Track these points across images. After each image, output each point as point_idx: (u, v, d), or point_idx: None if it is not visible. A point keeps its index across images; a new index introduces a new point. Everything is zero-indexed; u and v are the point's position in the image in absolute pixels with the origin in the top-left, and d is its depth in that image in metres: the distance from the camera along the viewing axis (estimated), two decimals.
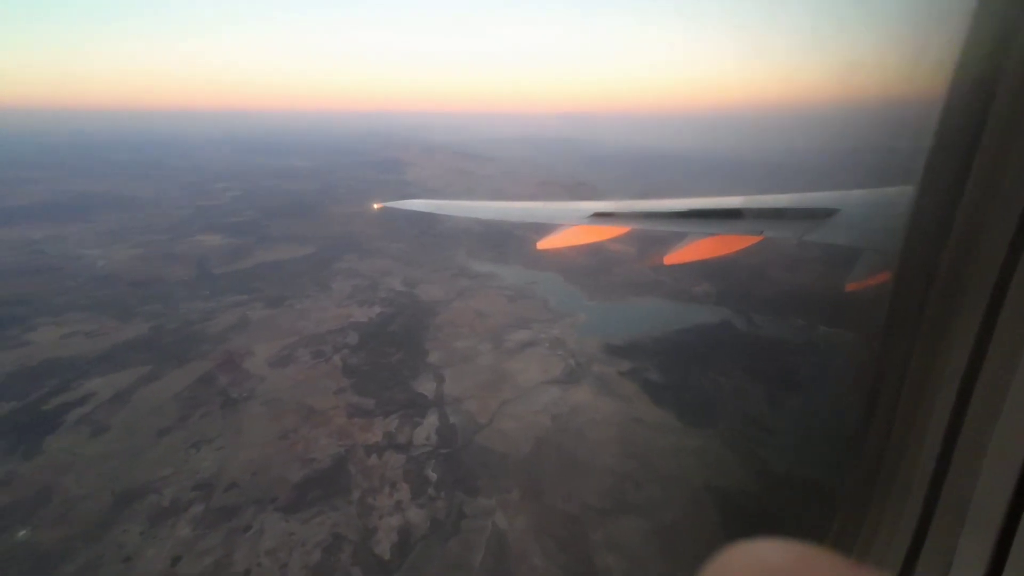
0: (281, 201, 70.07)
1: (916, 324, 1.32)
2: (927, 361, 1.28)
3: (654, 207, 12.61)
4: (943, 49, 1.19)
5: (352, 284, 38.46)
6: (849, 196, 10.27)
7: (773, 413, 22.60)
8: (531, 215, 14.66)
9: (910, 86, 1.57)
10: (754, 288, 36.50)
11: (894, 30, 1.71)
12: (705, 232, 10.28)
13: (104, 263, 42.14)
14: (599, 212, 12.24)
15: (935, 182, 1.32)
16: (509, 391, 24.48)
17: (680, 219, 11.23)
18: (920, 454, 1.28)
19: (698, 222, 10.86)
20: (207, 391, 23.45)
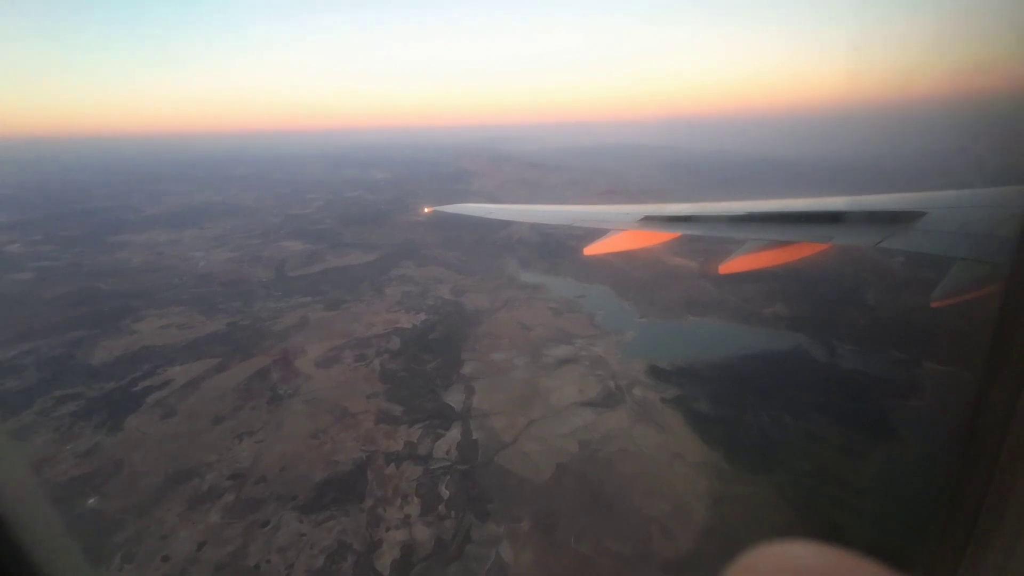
0: (358, 210, 75.70)
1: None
2: None
3: (708, 210, 11.43)
4: None
5: (403, 290, 39.89)
6: (937, 198, 8.79)
7: (851, 465, 18.77)
8: (580, 218, 14.00)
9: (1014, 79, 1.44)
10: (841, 311, 31.32)
11: (995, 21, 1.36)
12: (764, 238, 9.17)
13: (204, 264, 48.49)
14: (650, 216, 11.43)
15: None
16: (539, 410, 23.32)
17: (737, 223, 10.20)
18: None
19: (757, 227, 9.73)
20: (260, 385, 25.47)
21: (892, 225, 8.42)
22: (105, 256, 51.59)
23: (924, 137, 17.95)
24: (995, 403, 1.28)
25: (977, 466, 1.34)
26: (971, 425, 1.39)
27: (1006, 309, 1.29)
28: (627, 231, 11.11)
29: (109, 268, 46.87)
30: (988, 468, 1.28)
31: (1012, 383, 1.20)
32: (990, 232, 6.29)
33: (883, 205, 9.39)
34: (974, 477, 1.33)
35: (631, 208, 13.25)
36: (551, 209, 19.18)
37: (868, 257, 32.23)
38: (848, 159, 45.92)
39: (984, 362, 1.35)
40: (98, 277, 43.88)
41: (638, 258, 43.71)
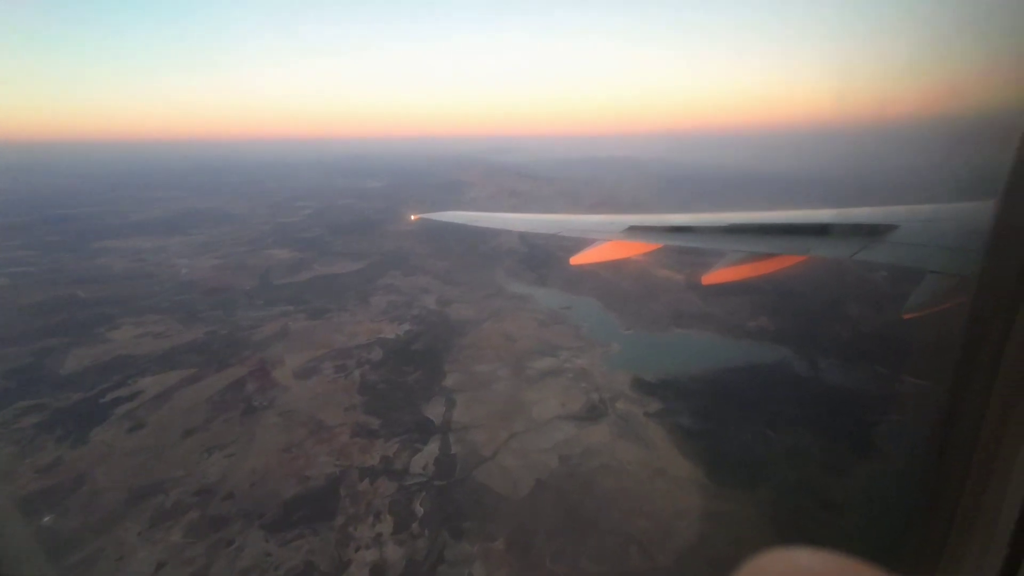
0: (348, 219, 75.30)
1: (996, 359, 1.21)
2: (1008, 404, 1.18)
3: (692, 221, 11.61)
4: None
5: (389, 300, 39.43)
6: (910, 211, 9.15)
7: (833, 481, 18.54)
8: (566, 227, 13.98)
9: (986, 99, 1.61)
10: (825, 324, 31.39)
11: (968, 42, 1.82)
12: (745, 249, 9.37)
13: (188, 271, 47.69)
14: (635, 226, 11.45)
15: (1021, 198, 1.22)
16: (520, 423, 22.88)
17: (719, 235, 10.46)
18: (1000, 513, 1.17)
19: (737, 238, 9.98)
20: (235, 397, 24.78)
21: (866, 238, 8.56)
22: (86, 262, 50.60)
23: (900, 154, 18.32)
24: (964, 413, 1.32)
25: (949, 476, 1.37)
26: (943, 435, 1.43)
27: (973, 321, 1.34)
28: (612, 241, 11.04)
29: (89, 274, 45.91)
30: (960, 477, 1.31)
31: (979, 393, 1.25)
32: (959, 245, 6.42)
33: (858, 218, 9.64)
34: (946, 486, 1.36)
35: (616, 218, 13.63)
36: (538, 218, 19.14)
37: (851, 271, 32.45)
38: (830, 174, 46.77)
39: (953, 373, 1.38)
40: (76, 284, 42.93)
41: (625, 270, 43.74)
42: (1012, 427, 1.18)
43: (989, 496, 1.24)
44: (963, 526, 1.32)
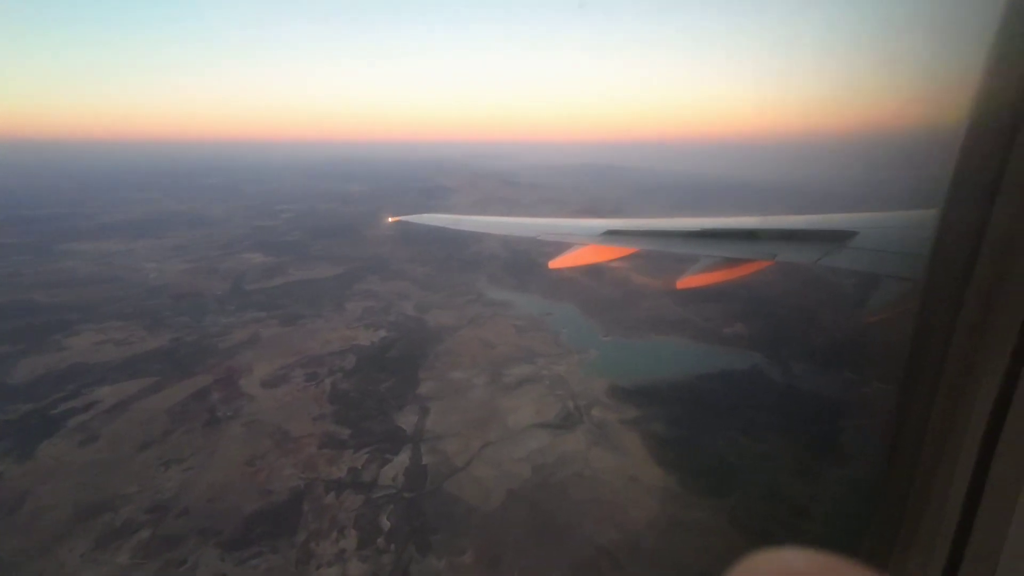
0: (329, 223, 74.09)
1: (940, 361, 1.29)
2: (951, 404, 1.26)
3: (666, 226, 12.12)
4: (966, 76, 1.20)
5: (366, 305, 38.68)
6: (867, 219, 9.57)
7: (803, 487, 18.64)
8: (545, 231, 13.72)
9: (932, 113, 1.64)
10: (798, 331, 31.94)
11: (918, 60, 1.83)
12: (716, 254, 9.81)
13: (156, 275, 46.06)
14: (612, 230, 11.88)
15: (960, 207, 1.30)
16: (495, 432, 22.49)
17: (692, 239, 10.79)
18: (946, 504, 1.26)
19: (710, 243, 10.36)
20: (197, 407, 23.77)
21: (829, 243, 8.94)
22: (47, 265, 48.42)
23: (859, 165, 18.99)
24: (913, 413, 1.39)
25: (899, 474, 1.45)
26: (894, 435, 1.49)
27: (919, 324, 1.42)
28: (590, 245, 11.34)
29: (49, 278, 43.90)
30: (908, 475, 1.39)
31: (926, 394, 1.32)
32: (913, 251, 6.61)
33: (820, 224, 10.02)
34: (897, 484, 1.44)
35: (595, 222, 13.60)
36: (517, 221, 19.02)
37: (822, 276, 33.11)
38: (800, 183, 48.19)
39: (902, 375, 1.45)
40: (35, 288, 40.98)
41: (605, 276, 43.94)
42: (956, 426, 1.23)
43: (935, 492, 1.30)
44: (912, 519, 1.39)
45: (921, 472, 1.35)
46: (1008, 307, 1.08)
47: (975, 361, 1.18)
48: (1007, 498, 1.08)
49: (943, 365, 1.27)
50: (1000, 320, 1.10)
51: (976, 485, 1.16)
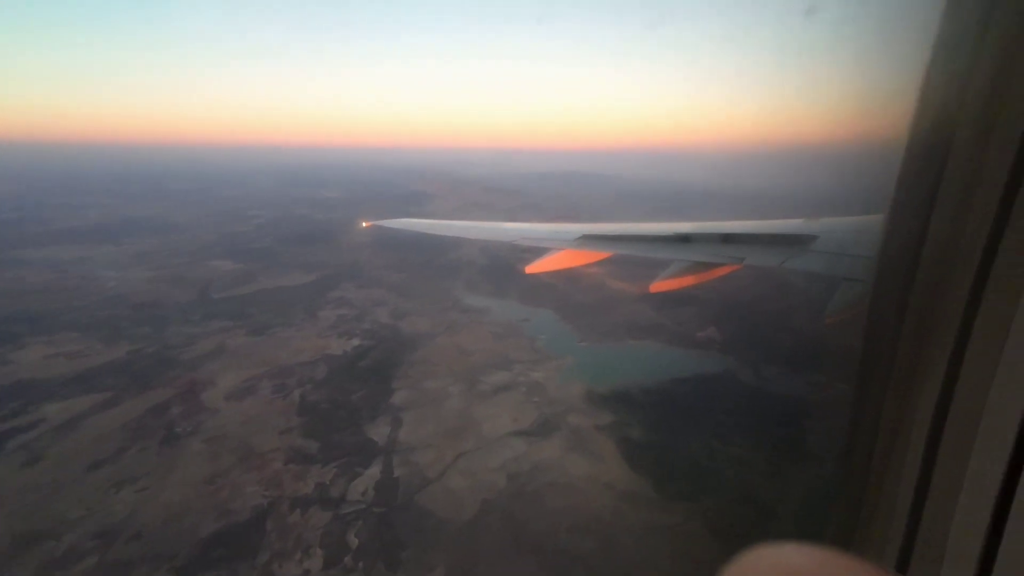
0: (304, 229, 72.39)
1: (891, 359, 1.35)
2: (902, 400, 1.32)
3: (640, 230, 12.34)
4: (907, 93, 1.28)
5: (339, 313, 37.75)
6: (827, 223, 9.90)
7: (773, 489, 18.93)
8: (521, 235, 13.74)
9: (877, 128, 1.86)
10: (769, 334, 32.75)
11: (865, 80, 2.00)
12: (687, 258, 10.05)
13: (115, 284, 43.85)
14: (587, 235, 12.04)
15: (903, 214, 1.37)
16: (470, 441, 22.09)
17: (664, 243, 11.02)
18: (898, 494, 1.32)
19: (681, 247, 10.58)
20: (155, 423, 22.54)
21: (792, 247, 9.33)
22: None
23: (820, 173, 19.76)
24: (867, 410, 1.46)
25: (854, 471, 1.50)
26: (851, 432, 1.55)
27: (870, 325, 1.51)
28: (566, 250, 11.45)
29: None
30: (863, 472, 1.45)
31: (878, 391, 1.40)
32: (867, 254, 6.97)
33: (783, 229, 10.43)
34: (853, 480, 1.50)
35: (571, 227, 13.77)
36: (494, 226, 18.89)
37: (791, 281, 34.10)
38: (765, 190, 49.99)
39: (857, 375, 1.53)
40: None
41: (582, 281, 44.23)
42: (906, 421, 1.29)
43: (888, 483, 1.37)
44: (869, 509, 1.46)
45: (875, 466, 1.41)
46: (948, 308, 1.13)
47: (920, 359, 1.23)
48: (952, 486, 1.12)
49: (892, 364, 1.33)
50: (941, 320, 1.16)
51: (924, 475, 1.21)
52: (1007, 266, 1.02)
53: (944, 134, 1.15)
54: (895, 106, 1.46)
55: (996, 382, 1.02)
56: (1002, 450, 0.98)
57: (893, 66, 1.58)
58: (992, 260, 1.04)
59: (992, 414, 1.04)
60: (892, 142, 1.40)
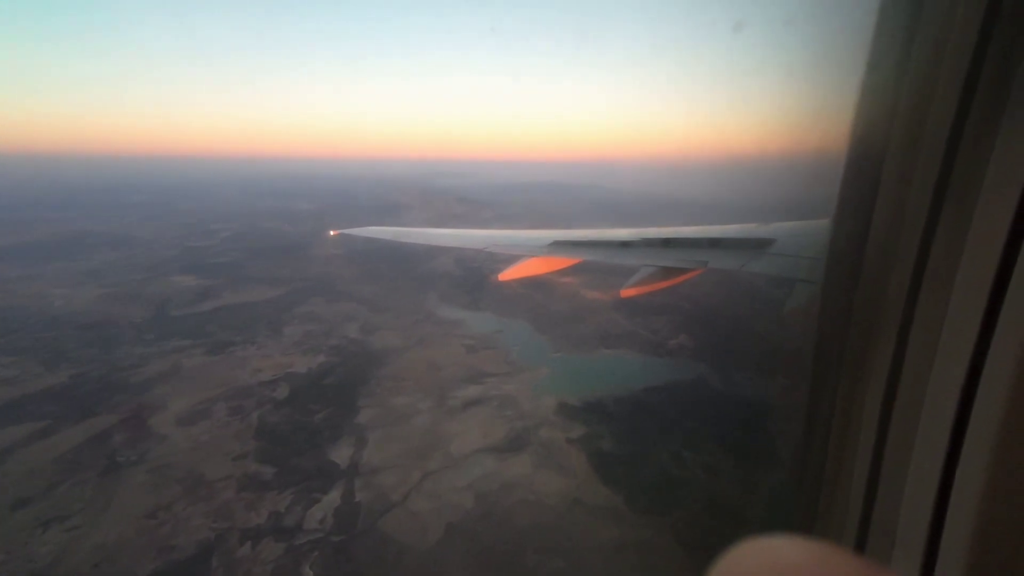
0: (272, 242, 70.23)
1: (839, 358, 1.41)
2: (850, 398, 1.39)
3: (609, 236, 12.40)
4: (845, 108, 1.38)
5: (306, 330, 36.38)
6: (784, 227, 10.16)
7: (743, 498, 18.83)
8: (493, 242, 13.62)
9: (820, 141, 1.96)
10: (738, 340, 33.23)
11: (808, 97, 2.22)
12: (653, 263, 10.21)
13: (63, 303, 41.21)
14: (558, 241, 12.11)
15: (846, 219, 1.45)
16: (437, 460, 21.29)
17: (632, 248, 11.23)
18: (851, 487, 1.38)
19: (648, 251, 10.81)
20: (95, 453, 20.86)
21: (752, 251, 9.56)
22: None
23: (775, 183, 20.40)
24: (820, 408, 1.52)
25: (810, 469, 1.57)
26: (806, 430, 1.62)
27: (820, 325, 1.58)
28: (538, 257, 11.50)
29: None
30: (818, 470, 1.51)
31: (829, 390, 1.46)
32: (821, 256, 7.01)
33: (743, 233, 10.72)
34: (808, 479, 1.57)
35: (541, 233, 13.77)
36: (464, 233, 18.66)
37: (759, 289, 34.84)
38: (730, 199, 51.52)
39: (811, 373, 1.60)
40: None
41: (556, 291, 44.17)
42: (855, 414, 1.36)
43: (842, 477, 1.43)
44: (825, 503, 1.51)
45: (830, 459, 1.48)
46: (889, 304, 1.21)
47: (867, 354, 1.30)
48: (899, 473, 1.19)
49: (842, 360, 1.40)
50: (884, 316, 1.24)
51: (875, 465, 1.28)
52: (939, 261, 1.09)
53: (879, 144, 1.25)
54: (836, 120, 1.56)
55: (935, 372, 1.09)
56: (942, 435, 1.03)
57: (831, 84, 1.72)
58: (926, 257, 1.11)
59: (932, 401, 1.09)
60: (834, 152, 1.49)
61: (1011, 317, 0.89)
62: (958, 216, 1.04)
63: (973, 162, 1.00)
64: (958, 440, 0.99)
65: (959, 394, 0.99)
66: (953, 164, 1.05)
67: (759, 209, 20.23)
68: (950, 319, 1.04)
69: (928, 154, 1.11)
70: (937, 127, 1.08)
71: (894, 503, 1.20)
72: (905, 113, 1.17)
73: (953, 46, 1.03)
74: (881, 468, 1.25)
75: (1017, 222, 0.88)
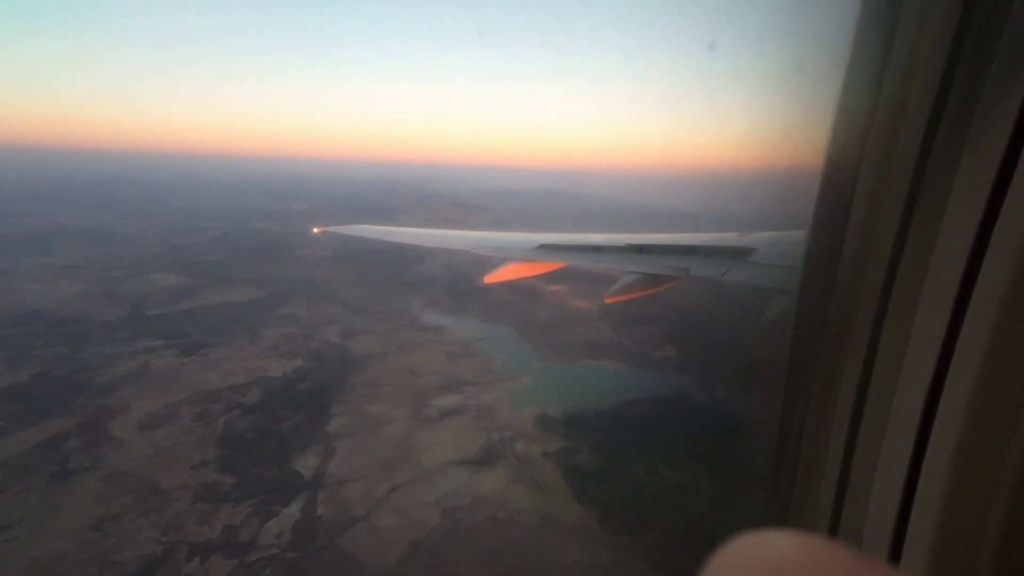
0: (260, 242, 69.29)
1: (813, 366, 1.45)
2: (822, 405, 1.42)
3: (595, 240, 12.59)
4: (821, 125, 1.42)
5: (284, 332, 35.50)
6: (763, 237, 10.31)
7: (719, 518, 18.19)
8: (479, 244, 13.62)
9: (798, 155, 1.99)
10: (724, 353, 32.74)
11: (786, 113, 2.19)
12: (637, 268, 10.39)
13: (36, 299, 40.02)
14: (544, 244, 12.22)
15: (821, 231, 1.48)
16: (407, 472, 20.50)
17: (617, 253, 11.39)
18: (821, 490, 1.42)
19: (633, 257, 10.97)
20: (46, 458, 19.86)
21: (732, 259, 9.64)
22: None
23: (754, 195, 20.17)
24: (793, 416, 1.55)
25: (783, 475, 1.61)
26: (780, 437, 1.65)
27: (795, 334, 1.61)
28: (524, 261, 11.55)
29: None
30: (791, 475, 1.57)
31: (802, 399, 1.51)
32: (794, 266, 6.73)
33: (724, 241, 10.83)
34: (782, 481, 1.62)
35: (527, 236, 13.79)
36: (450, 234, 18.26)
37: (741, 297, 34.44)
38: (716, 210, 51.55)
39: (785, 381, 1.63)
40: None
41: (544, 299, 43.62)
42: (825, 425, 1.39)
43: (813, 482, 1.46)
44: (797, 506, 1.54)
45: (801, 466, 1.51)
46: (861, 315, 1.25)
47: (838, 363, 1.34)
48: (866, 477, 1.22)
49: (815, 368, 1.44)
50: (855, 326, 1.27)
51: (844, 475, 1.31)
52: (908, 272, 1.13)
53: (853, 160, 1.29)
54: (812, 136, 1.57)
55: (902, 378, 1.12)
56: (908, 440, 1.06)
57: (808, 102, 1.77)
58: (896, 269, 1.16)
59: (899, 408, 1.13)
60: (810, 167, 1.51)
61: (973, 327, 0.92)
62: (925, 230, 1.09)
63: (939, 180, 1.06)
64: (922, 448, 1.03)
65: (924, 401, 1.03)
66: (922, 181, 1.11)
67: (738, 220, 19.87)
68: (916, 328, 1.09)
69: (899, 171, 1.17)
70: (908, 144, 1.14)
71: (862, 506, 1.24)
72: (878, 132, 1.23)
73: (922, 69, 1.09)
74: (850, 475, 1.29)
75: (979, 239, 0.93)
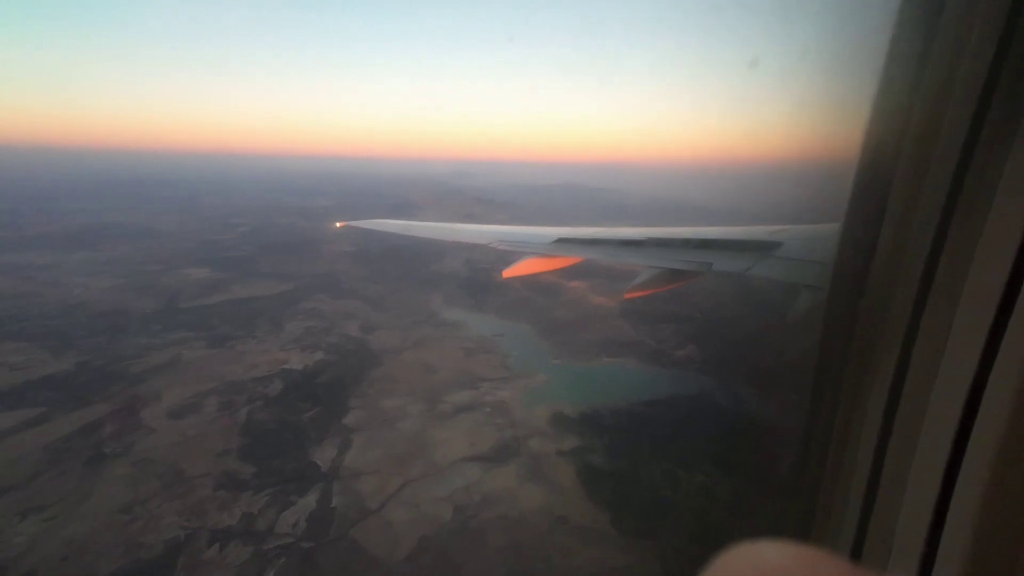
0: (286, 238, 71.20)
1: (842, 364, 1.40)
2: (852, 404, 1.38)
3: (614, 235, 12.37)
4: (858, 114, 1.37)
5: (306, 326, 36.35)
6: (791, 231, 9.90)
7: (737, 525, 17.49)
8: (498, 238, 13.57)
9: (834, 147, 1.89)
10: (749, 353, 31.51)
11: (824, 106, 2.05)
12: (657, 263, 10.11)
13: (80, 291, 42.40)
14: (563, 238, 12.05)
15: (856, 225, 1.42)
16: (420, 467, 20.63)
17: (637, 247, 11.10)
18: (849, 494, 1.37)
19: (653, 251, 10.65)
20: (83, 443, 20.99)
21: (757, 253, 9.23)
22: None
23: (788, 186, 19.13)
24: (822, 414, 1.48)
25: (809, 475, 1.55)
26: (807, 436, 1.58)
27: (825, 331, 1.53)
28: (543, 255, 11.35)
29: None
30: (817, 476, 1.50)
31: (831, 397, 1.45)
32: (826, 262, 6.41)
33: (749, 235, 10.32)
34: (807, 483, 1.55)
35: (546, 230, 13.58)
36: (469, 228, 18.35)
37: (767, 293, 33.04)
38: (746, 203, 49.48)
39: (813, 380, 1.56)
40: None
41: (562, 295, 43.13)
42: (856, 423, 1.34)
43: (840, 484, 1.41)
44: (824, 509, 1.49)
45: (828, 467, 1.46)
46: (895, 314, 1.20)
47: (870, 363, 1.29)
48: (898, 482, 1.17)
49: (844, 368, 1.39)
50: (889, 325, 1.22)
51: (874, 474, 1.26)
52: (947, 273, 1.07)
53: (892, 150, 1.24)
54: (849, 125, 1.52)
55: (938, 382, 1.07)
56: (943, 450, 1.00)
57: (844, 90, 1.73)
58: (934, 269, 1.10)
59: (934, 416, 1.07)
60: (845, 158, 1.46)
61: (1017, 333, 0.87)
62: (968, 229, 1.03)
63: (985, 175, 1.00)
64: (958, 456, 0.98)
65: (961, 410, 0.98)
66: (965, 176, 1.05)
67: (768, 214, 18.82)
68: (955, 331, 1.03)
69: (940, 164, 1.10)
70: (951, 136, 1.07)
71: (891, 516, 1.19)
72: (919, 121, 1.17)
73: (970, 53, 1.02)
74: (880, 482, 1.25)
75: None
